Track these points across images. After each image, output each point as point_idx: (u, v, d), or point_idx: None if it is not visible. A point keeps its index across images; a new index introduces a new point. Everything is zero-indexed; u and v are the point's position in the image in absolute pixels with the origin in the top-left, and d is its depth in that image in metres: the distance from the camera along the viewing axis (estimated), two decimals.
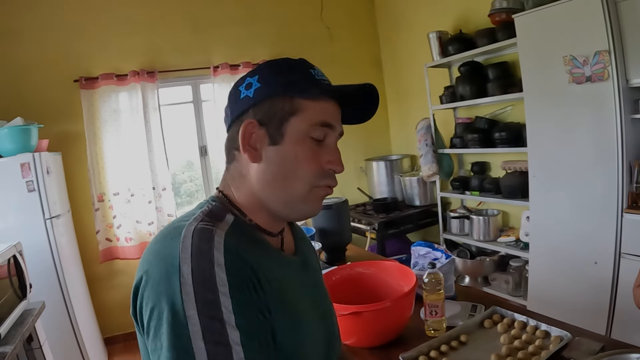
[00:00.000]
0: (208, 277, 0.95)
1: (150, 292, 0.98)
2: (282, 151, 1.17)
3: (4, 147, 4.09)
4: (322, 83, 1.20)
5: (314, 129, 1.17)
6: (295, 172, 1.17)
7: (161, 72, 5.39)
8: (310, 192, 1.19)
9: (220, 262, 0.98)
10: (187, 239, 1.01)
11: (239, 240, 1.07)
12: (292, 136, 1.16)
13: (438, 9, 5.44)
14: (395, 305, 1.92)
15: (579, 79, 3.51)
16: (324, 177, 1.19)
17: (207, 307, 0.93)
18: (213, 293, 0.94)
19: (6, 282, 3.05)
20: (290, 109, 1.16)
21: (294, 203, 1.19)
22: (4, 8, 4.86)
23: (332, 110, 1.21)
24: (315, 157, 1.18)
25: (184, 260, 0.97)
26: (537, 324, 1.95)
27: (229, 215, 1.16)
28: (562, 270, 3.82)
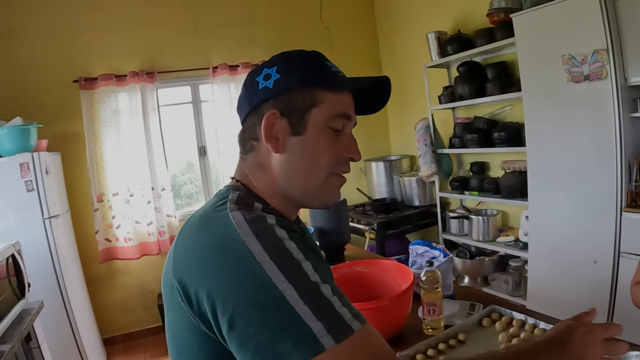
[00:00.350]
0: (282, 249, 1.00)
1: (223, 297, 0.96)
2: (305, 142, 1.20)
3: (3, 147, 4.10)
4: (339, 75, 1.24)
5: (333, 119, 1.20)
6: (316, 162, 1.20)
7: (160, 72, 5.40)
8: (327, 179, 1.22)
9: (284, 236, 1.03)
10: (241, 226, 1.03)
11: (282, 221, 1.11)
12: (314, 127, 1.19)
13: (437, 9, 5.45)
14: (392, 303, 1.92)
15: (577, 77, 3.51)
16: (341, 165, 1.24)
17: (295, 274, 0.96)
18: (293, 261, 0.98)
19: (5, 281, 3.06)
20: (311, 100, 1.19)
21: (314, 192, 1.23)
22: (4, 8, 4.86)
23: (349, 101, 1.25)
24: (334, 146, 1.21)
25: (250, 243, 0.98)
26: (536, 322, 1.94)
27: (256, 203, 1.18)
28: (562, 269, 3.81)
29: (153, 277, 5.40)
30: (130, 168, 5.26)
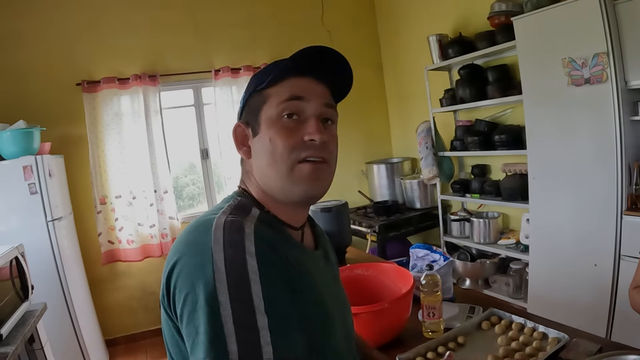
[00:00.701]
0: (240, 265, 1.00)
1: (185, 280, 1.02)
2: (262, 139, 1.23)
3: (7, 150, 4.12)
4: (281, 63, 1.23)
5: (283, 107, 1.20)
6: (275, 153, 1.19)
7: (163, 75, 5.41)
8: (293, 169, 1.19)
9: (251, 251, 1.02)
10: (219, 230, 1.06)
11: (267, 231, 1.12)
12: (266, 122, 1.22)
13: (438, 12, 5.45)
14: (392, 306, 1.94)
15: (578, 81, 3.52)
16: (303, 150, 1.19)
17: (239, 293, 0.97)
18: (244, 280, 0.99)
19: (8, 283, 3.07)
20: (261, 100, 1.24)
21: (286, 185, 1.20)
22: (6, 11, 4.88)
23: (302, 84, 1.23)
24: (291, 133, 1.19)
25: (216, 250, 1.02)
26: (535, 325, 1.96)
27: (255, 209, 1.21)
28: (562, 272, 3.82)
29: (155, 279, 5.41)
30: (132, 171, 5.27)
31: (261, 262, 1.02)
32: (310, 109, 1.22)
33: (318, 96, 1.24)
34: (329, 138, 1.23)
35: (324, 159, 1.22)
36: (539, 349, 1.80)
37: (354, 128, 6.53)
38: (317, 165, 1.20)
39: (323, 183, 1.23)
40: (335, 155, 1.28)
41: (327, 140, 1.21)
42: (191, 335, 0.98)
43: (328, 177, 1.25)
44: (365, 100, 6.62)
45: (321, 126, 1.22)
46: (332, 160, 1.26)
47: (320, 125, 1.22)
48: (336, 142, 1.30)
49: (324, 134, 1.20)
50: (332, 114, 1.28)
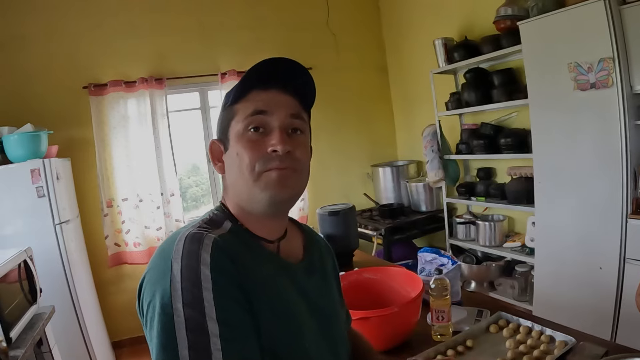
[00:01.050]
0: (194, 274, 1.04)
1: (148, 288, 1.10)
2: (231, 153, 1.27)
3: (14, 153, 4.13)
4: (240, 83, 1.26)
5: (248, 121, 1.23)
6: (242, 167, 1.22)
7: (169, 78, 5.43)
8: (259, 179, 1.21)
9: (206, 261, 1.07)
10: (181, 241, 1.11)
11: (230, 243, 1.16)
12: (234, 137, 1.26)
13: (443, 15, 5.47)
14: (402, 310, 1.95)
15: (583, 85, 3.54)
16: (268, 161, 1.21)
17: (191, 300, 1.02)
18: (197, 288, 1.03)
19: (17, 286, 3.08)
20: (230, 116, 1.28)
21: (253, 193, 1.23)
22: (13, 14, 4.91)
23: (266, 97, 1.26)
24: (256, 146, 1.22)
25: (175, 260, 1.07)
26: (542, 329, 1.97)
27: (227, 222, 1.27)
28: (568, 275, 3.82)
29: None
30: (139, 174, 5.29)
31: (214, 271, 1.06)
32: (275, 122, 1.24)
33: (282, 108, 1.26)
34: (294, 147, 1.24)
35: (289, 168, 1.23)
36: (546, 352, 1.81)
37: (359, 131, 6.56)
38: (283, 172, 1.22)
39: (290, 188, 1.25)
40: (304, 164, 1.30)
41: (292, 149, 1.23)
42: (151, 340, 1.04)
43: (296, 183, 1.27)
44: (370, 103, 6.65)
45: (285, 137, 1.23)
46: (300, 168, 1.27)
47: (284, 136, 1.23)
48: (306, 151, 1.31)
49: (287, 144, 1.22)
50: (299, 124, 1.29)
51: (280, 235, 1.36)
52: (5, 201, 4.04)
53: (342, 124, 6.38)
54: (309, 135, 1.37)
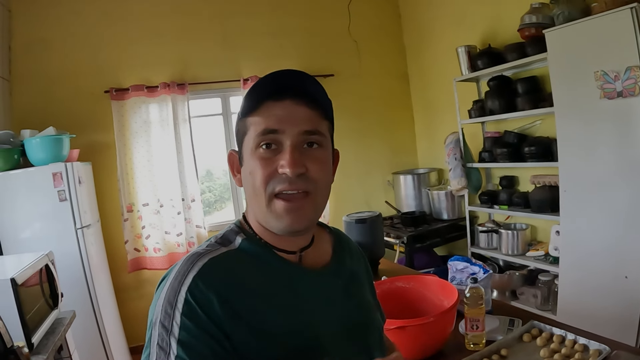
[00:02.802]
0: (173, 293, 1.09)
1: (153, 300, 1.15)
2: (244, 169, 1.24)
3: (36, 157, 4.14)
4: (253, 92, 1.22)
5: (259, 140, 1.18)
6: (255, 187, 1.19)
7: (191, 84, 5.45)
8: (270, 203, 1.18)
9: (187, 283, 1.10)
10: (183, 261, 1.16)
11: (230, 262, 1.19)
12: (247, 153, 1.22)
13: (466, 23, 5.46)
14: (438, 319, 1.95)
15: (610, 94, 3.51)
16: (278, 183, 1.17)
17: (165, 317, 1.07)
18: (172, 307, 1.07)
19: (38, 291, 3.07)
20: (243, 130, 1.24)
21: (267, 218, 1.21)
22: (36, 19, 4.96)
23: (278, 111, 1.20)
24: (267, 164, 1.17)
25: (168, 278, 1.14)
26: (576, 337, 1.96)
27: (239, 237, 1.27)
28: (592, 284, 3.79)
29: None
30: (160, 179, 5.30)
31: (191, 294, 1.08)
32: (287, 140, 1.18)
33: (296, 124, 1.19)
34: (308, 165, 1.19)
35: (300, 191, 1.18)
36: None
37: (380, 138, 6.56)
38: (292, 201, 1.17)
39: (302, 217, 1.20)
40: (321, 183, 1.22)
41: (305, 170, 1.17)
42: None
43: (308, 209, 1.21)
44: (391, 110, 6.65)
45: (297, 157, 1.16)
46: (314, 189, 1.20)
47: (296, 156, 1.17)
48: (323, 167, 1.24)
49: (298, 165, 1.16)
50: (316, 139, 1.22)
51: (304, 245, 1.33)
52: (27, 204, 4.04)
53: (364, 131, 6.37)
54: (330, 145, 1.30)
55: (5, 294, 2.60)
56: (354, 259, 1.52)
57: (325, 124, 1.27)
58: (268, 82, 1.20)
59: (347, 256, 1.47)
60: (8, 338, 2.28)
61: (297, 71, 1.23)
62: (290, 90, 1.21)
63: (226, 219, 6.06)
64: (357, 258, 1.55)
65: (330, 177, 1.28)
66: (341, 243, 1.50)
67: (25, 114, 4.85)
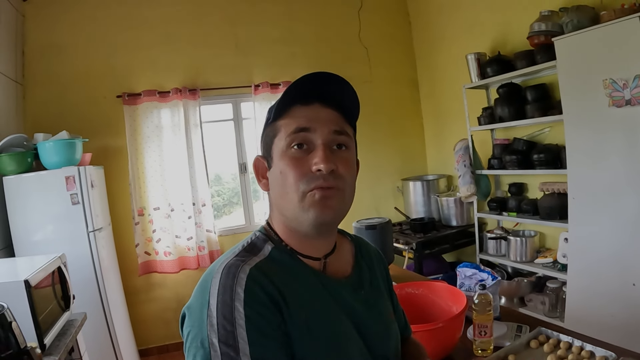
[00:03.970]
0: (228, 310, 1.08)
1: (188, 320, 1.15)
2: (274, 171, 1.26)
3: (49, 160, 4.17)
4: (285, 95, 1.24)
5: (291, 139, 1.22)
6: (286, 184, 1.21)
7: (203, 89, 5.50)
8: (303, 199, 1.19)
9: (240, 297, 1.09)
10: (218, 274, 1.15)
11: (268, 272, 1.17)
12: (277, 154, 1.24)
13: (476, 30, 5.47)
14: (447, 325, 1.97)
15: (618, 102, 3.52)
16: (312, 180, 1.19)
17: (226, 336, 1.05)
18: (231, 324, 1.06)
19: (51, 293, 3.08)
20: (273, 133, 1.27)
21: (297, 215, 1.22)
22: (51, 24, 5.02)
23: (308, 113, 1.24)
24: (300, 164, 1.20)
25: (212, 295, 1.11)
26: (583, 344, 1.97)
27: (268, 245, 1.28)
28: (600, 291, 3.78)
29: (190, 291, 5.26)
30: (171, 183, 5.35)
31: (248, 307, 1.08)
32: (318, 139, 1.22)
33: (325, 124, 1.24)
34: (338, 165, 1.22)
35: (333, 187, 1.21)
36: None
37: (390, 145, 6.58)
38: (327, 192, 1.20)
39: (334, 209, 1.22)
40: (349, 181, 1.26)
41: (335, 167, 1.20)
42: None
43: (340, 203, 1.24)
44: (401, 117, 6.68)
45: (328, 154, 1.21)
46: (344, 186, 1.24)
47: (328, 153, 1.21)
48: (350, 167, 1.28)
49: (330, 162, 1.19)
50: (344, 140, 1.27)
51: (327, 251, 1.35)
52: (40, 207, 4.08)
53: (373, 137, 6.37)
54: (355, 150, 1.35)
55: (18, 296, 2.62)
56: (374, 266, 1.54)
57: (350, 129, 1.32)
58: (296, 88, 1.23)
59: (367, 266, 1.49)
60: (22, 339, 2.31)
61: (326, 75, 1.25)
62: (318, 95, 1.26)
63: (235, 223, 6.10)
64: (378, 265, 1.56)
65: (355, 179, 1.32)
66: (362, 252, 1.52)
67: (38, 117, 4.91)
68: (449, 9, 5.96)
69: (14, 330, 2.26)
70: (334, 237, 1.40)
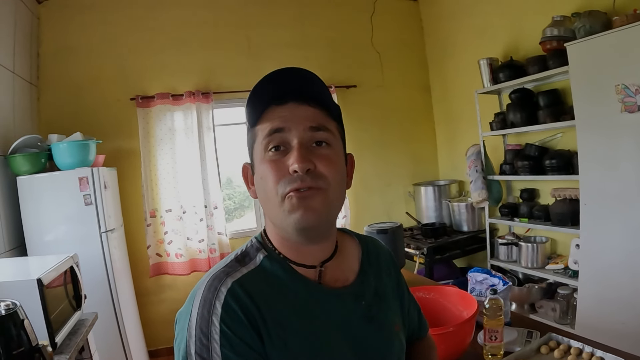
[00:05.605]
0: (205, 323, 1.08)
1: (177, 326, 1.17)
2: (256, 177, 1.23)
3: (63, 161, 4.19)
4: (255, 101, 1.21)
5: (267, 142, 1.18)
6: (266, 190, 1.18)
7: (216, 93, 5.52)
8: (282, 203, 1.15)
9: (217, 311, 1.09)
10: (202, 286, 1.16)
11: (250, 288, 1.15)
12: (257, 160, 1.21)
13: (488, 36, 5.47)
14: (458, 329, 1.97)
15: (631, 107, 3.52)
16: (289, 182, 1.14)
17: (201, 349, 1.06)
18: (207, 338, 1.07)
19: (63, 292, 3.10)
20: (252, 138, 1.24)
21: (281, 221, 1.18)
22: (65, 26, 5.06)
23: (283, 113, 1.19)
24: (277, 167, 1.16)
25: (194, 306, 1.12)
26: (593, 350, 1.97)
27: (260, 254, 1.25)
28: (612, 298, 3.77)
29: None
30: (183, 186, 5.36)
31: (224, 322, 1.08)
32: (294, 138, 1.17)
33: (300, 122, 1.18)
34: (317, 163, 1.16)
35: (312, 188, 1.15)
36: None
37: (401, 150, 6.58)
38: (304, 193, 1.14)
39: (316, 211, 1.16)
40: (332, 179, 1.18)
41: (313, 166, 1.15)
42: None
43: (322, 204, 1.16)
44: (413, 122, 6.68)
45: (304, 153, 1.15)
46: (326, 185, 1.17)
47: (303, 152, 1.15)
48: (332, 164, 1.20)
49: (306, 161, 1.14)
50: (323, 136, 1.20)
51: (324, 258, 1.29)
52: (53, 207, 4.10)
53: (385, 141, 6.40)
54: (341, 146, 1.29)
55: (31, 294, 2.64)
56: (383, 272, 1.47)
57: (332, 123, 1.26)
58: (268, 88, 1.20)
59: (374, 273, 1.42)
60: (33, 336, 2.32)
61: (293, 70, 1.22)
62: (291, 93, 1.20)
63: (247, 226, 6.12)
64: (388, 270, 1.50)
65: (342, 177, 1.25)
66: (369, 256, 1.44)
67: (52, 119, 4.94)
68: (461, 15, 5.97)
69: (25, 328, 2.27)
70: (330, 241, 1.32)
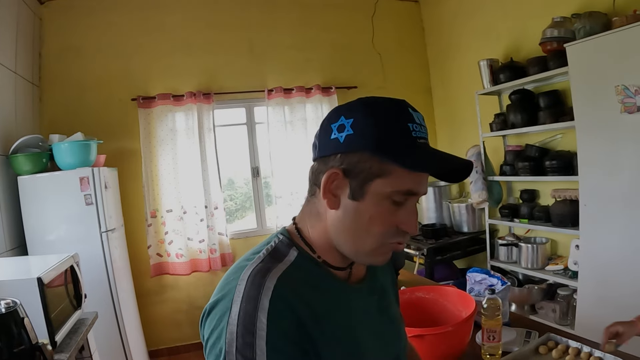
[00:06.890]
0: (250, 320, 1.05)
1: (208, 323, 1.12)
2: (360, 208, 1.14)
3: (64, 161, 4.20)
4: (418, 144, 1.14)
5: (396, 194, 1.12)
6: (368, 230, 1.15)
7: (217, 94, 5.54)
8: (379, 248, 1.17)
9: (264, 307, 1.06)
10: (243, 282, 1.11)
11: (293, 281, 1.14)
12: (373, 197, 1.13)
13: (488, 37, 5.48)
14: (457, 329, 1.97)
15: (630, 108, 3.51)
16: (395, 235, 1.16)
17: (244, 347, 1.03)
18: (251, 335, 1.04)
19: (63, 291, 3.10)
20: (377, 171, 1.12)
21: (361, 254, 1.19)
22: (67, 27, 5.08)
23: (423, 180, 1.17)
24: (391, 218, 1.14)
25: (235, 302, 1.08)
26: (591, 350, 1.98)
27: (293, 250, 1.22)
28: (612, 298, 3.76)
29: (202, 293, 5.49)
30: (184, 186, 5.38)
31: (271, 319, 1.05)
32: (413, 200, 1.17)
33: (424, 190, 1.18)
34: None
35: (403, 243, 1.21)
36: None
37: None
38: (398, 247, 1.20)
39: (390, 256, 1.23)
40: None
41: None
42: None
43: None
44: None
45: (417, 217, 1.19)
46: None
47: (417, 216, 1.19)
48: None
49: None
50: None
51: (350, 263, 1.30)
52: (54, 207, 4.11)
53: None
54: None
55: (31, 293, 2.64)
56: (384, 271, 1.52)
57: None
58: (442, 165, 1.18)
59: (378, 269, 1.46)
60: (34, 335, 2.33)
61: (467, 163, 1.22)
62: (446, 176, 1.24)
63: (247, 227, 6.12)
64: (386, 270, 1.56)
65: None
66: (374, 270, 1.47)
67: (54, 119, 4.96)
68: (462, 16, 5.97)
69: (26, 326, 2.28)
70: None
